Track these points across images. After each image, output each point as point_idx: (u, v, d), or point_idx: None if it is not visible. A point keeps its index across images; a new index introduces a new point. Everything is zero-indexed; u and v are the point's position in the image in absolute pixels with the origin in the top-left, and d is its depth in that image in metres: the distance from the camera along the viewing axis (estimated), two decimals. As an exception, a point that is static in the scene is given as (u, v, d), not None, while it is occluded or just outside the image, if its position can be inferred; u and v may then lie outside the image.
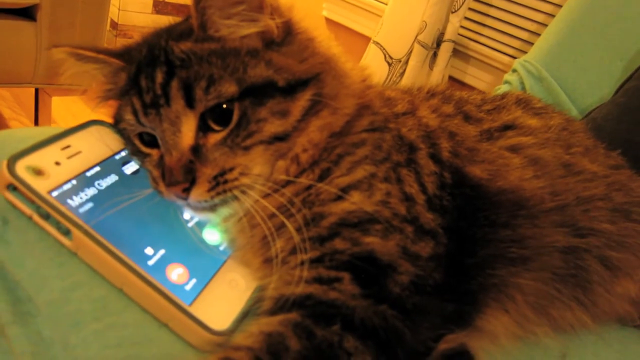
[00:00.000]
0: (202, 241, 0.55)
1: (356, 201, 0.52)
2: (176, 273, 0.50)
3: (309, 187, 0.54)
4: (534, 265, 0.59)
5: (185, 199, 0.50)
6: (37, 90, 1.97)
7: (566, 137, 0.77)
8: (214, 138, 0.51)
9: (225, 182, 0.51)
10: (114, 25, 2.56)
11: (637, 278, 0.70)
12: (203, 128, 0.51)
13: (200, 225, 0.56)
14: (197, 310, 0.48)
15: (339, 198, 0.53)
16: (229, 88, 0.50)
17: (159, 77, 0.51)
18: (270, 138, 0.52)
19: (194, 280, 0.50)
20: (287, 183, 0.54)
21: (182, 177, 0.50)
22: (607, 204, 0.68)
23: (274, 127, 0.52)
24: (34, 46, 1.59)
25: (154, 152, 0.54)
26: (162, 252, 0.51)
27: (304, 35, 0.57)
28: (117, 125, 0.58)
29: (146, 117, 0.52)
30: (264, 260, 0.54)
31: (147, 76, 0.52)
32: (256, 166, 0.52)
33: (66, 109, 2.38)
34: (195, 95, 0.50)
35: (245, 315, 0.51)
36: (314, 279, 0.48)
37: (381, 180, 0.55)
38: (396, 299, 0.49)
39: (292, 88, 0.52)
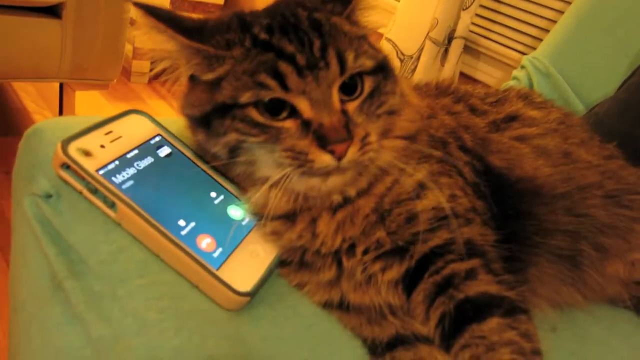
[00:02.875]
0: (227, 217, 0.62)
1: (432, 199, 0.59)
2: (205, 242, 0.57)
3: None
4: (545, 246, 0.65)
5: (340, 159, 0.52)
6: (61, 85, 2.04)
7: (563, 130, 0.82)
8: (352, 105, 0.56)
9: (367, 144, 0.54)
10: (133, 22, 2.62)
11: (626, 260, 0.75)
12: (341, 96, 0.55)
13: (225, 202, 0.63)
14: (223, 274, 0.54)
15: (417, 197, 0.59)
16: (368, 62, 0.56)
17: (316, 42, 0.54)
18: (390, 111, 0.59)
19: (220, 249, 0.57)
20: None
21: (346, 134, 0.52)
22: (600, 191, 0.73)
23: (394, 100, 0.59)
24: (59, 43, 1.65)
25: (290, 124, 0.54)
26: (192, 224, 0.57)
27: None
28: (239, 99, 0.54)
29: (302, 78, 0.52)
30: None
31: (296, 40, 0.54)
32: (378, 135, 0.58)
33: (87, 103, 2.44)
34: (347, 63, 0.54)
35: (265, 280, 0.58)
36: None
37: (441, 175, 0.61)
38: None
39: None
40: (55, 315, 0.49)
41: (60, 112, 2.14)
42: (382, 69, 0.59)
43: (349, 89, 0.56)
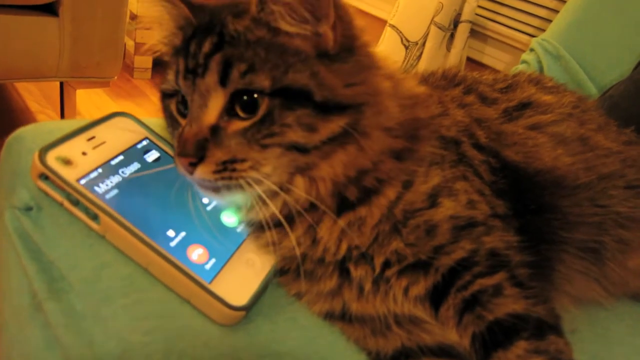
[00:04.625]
0: (220, 224, 0.58)
1: (450, 207, 0.55)
2: (196, 253, 0.53)
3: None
4: (571, 241, 0.62)
5: (191, 173, 0.50)
6: (62, 84, 2.02)
7: (579, 114, 0.78)
8: (236, 125, 0.50)
9: (234, 170, 0.50)
10: (133, 17, 2.59)
11: (647, 253, 0.71)
12: (229, 112, 0.50)
13: (218, 209, 0.59)
14: (216, 287, 0.51)
15: (432, 206, 0.55)
16: (263, 81, 0.49)
17: (206, 46, 0.51)
18: (289, 145, 0.51)
19: (213, 260, 0.54)
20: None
21: (192, 151, 0.50)
22: (621, 181, 0.69)
23: (296, 136, 0.50)
24: (57, 40, 1.63)
25: (183, 122, 0.54)
26: (183, 234, 0.54)
27: (365, 61, 0.55)
28: (162, 85, 0.57)
29: (184, 81, 0.52)
30: None
31: (198, 43, 0.52)
32: (267, 166, 0.51)
33: (90, 101, 2.43)
34: (231, 75, 0.49)
35: (263, 292, 0.54)
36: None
37: (456, 180, 0.57)
38: None
39: (328, 108, 0.50)
40: (35, 338, 0.46)
41: (62, 112, 2.12)
42: (287, 94, 0.50)
43: (251, 108, 0.50)
